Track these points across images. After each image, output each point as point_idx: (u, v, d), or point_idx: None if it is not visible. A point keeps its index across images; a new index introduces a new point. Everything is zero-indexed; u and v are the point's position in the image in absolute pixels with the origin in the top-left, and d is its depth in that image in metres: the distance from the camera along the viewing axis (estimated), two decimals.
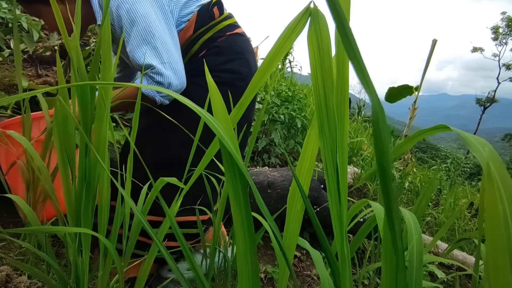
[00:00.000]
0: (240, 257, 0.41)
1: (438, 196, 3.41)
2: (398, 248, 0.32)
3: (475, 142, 0.29)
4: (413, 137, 0.43)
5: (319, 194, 1.79)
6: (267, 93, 2.40)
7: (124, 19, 0.91)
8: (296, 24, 0.39)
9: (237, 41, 1.10)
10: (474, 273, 0.74)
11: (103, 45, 0.60)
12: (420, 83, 4.33)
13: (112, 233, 0.68)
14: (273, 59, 0.41)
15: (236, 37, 1.11)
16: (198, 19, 1.05)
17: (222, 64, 1.05)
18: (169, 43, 0.95)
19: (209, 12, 1.07)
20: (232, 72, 1.06)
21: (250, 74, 1.11)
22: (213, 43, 1.06)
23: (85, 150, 0.61)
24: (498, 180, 0.26)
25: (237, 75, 1.07)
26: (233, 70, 1.06)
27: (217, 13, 1.09)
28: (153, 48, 0.91)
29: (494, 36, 24.75)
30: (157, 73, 0.91)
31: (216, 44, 1.06)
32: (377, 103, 0.26)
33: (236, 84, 1.06)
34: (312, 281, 1.59)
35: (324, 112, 0.39)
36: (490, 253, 0.26)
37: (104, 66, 0.61)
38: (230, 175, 0.39)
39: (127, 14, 0.90)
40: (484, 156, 0.27)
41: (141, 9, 0.91)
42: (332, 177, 0.40)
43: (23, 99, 0.99)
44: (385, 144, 0.27)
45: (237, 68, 1.07)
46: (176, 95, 0.38)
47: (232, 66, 1.07)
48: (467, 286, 2.01)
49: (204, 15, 1.06)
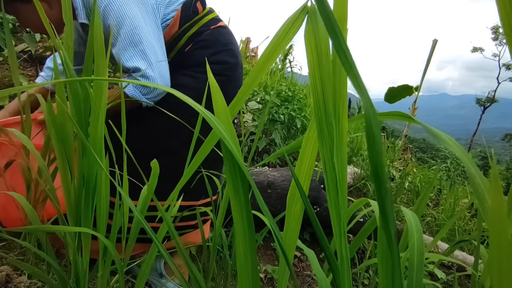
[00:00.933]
0: (240, 257, 0.41)
1: (438, 196, 3.41)
2: (393, 249, 0.32)
3: (447, 139, 0.29)
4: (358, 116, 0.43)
5: (319, 194, 1.79)
6: (267, 93, 2.40)
7: (111, 20, 0.92)
8: (293, 22, 0.38)
9: (221, 34, 1.14)
10: (474, 271, 0.74)
11: (96, 44, 0.59)
12: (420, 83, 4.32)
13: (112, 233, 0.68)
14: (269, 56, 0.41)
15: (220, 30, 1.14)
16: (182, 15, 1.08)
17: (210, 56, 1.07)
18: (155, 45, 0.96)
19: (193, 7, 1.10)
20: (221, 63, 1.09)
21: (238, 64, 1.15)
22: (199, 37, 1.09)
23: (82, 150, 0.62)
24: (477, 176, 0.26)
25: (225, 65, 1.10)
26: (221, 61, 1.10)
27: (201, 8, 1.13)
28: (140, 51, 0.93)
29: (494, 36, 24.73)
30: (144, 76, 0.93)
31: (202, 38, 1.10)
32: (370, 107, 0.26)
33: (226, 74, 1.10)
34: (312, 281, 1.59)
35: (322, 111, 0.38)
36: (495, 253, 0.26)
37: (97, 65, 0.61)
38: (231, 174, 0.39)
39: (115, 15, 0.91)
40: (462, 155, 0.27)
41: (128, 11, 0.92)
42: (331, 177, 0.40)
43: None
44: (377, 146, 0.27)
45: (224, 59, 1.11)
46: (170, 89, 0.38)
47: (220, 57, 1.10)
48: (467, 286, 2.01)
49: (188, 10, 1.09)
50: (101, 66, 0.61)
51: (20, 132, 0.79)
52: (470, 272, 0.76)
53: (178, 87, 0.99)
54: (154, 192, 0.60)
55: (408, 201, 3.00)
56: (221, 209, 0.91)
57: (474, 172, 0.28)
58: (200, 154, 0.48)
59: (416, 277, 0.45)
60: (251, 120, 2.36)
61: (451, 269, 2.00)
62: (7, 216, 0.90)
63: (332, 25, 0.27)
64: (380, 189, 0.28)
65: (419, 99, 4.59)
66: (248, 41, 5.18)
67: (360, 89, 0.26)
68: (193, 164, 0.49)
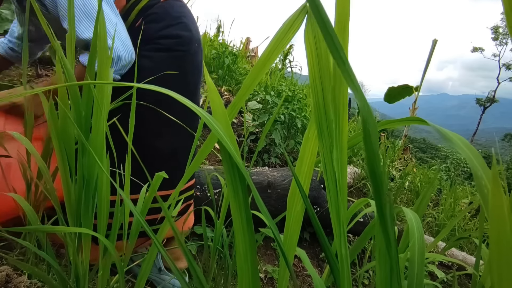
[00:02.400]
0: (240, 257, 0.41)
1: (438, 196, 3.41)
2: (392, 250, 0.32)
3: (457, 140, 0.29)
4: (381, 124, 0.43)
5: (319, 194, 1.79)
6: (267, 93, 2.40)
7: None
8: (293, 21, 0.38)
9: (173, 6, 1.07)
10: (474, 272, 0.74)
11: (99, 43, 0.60)
12: (420, 83, 4.32)
13: (112, 233, 0.68)
14: (269, 56, 0.41)
15: (172, 2, 1.08)
16: None
17: (160, 30, 1.02)
18: (110, 14, 0.90)
19: None
20: (172, 37, 1.03)
21: (192, 38, 1.08)
22: (149, 10, 1.03)
23: (82, 150, 0.62)
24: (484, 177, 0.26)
25: (177, 39, 1.04)
26: (173, 35, 1.03)
27: None
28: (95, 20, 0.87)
29: (494, 36, 24.73)
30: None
31: (152, 11, 1.03)
32: (366, 106, 0.26)
33: (178, 48, 1.04)
34: (312, 281, 1.59)
35: (322, 111, 0.38)
36: (495, 253, 0.26)
37: (100, 64, 0.61)
38: (229, 175, 0.39)
39: None
40: (468, 154, 0.27)
41: None
42: (331, 177, 0.40)
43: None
44: (374, 146, 0.27)
45: (176, 33, 1.04)
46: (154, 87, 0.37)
47: (172, 31, 1.04)
48: (467, 286, 2.01)
49: None
50: (105, 65, 0.61)
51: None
52: (470, 272, 0.76)
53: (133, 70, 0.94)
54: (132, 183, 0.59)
55: (408, 201, 3.00)
56: (222, 208, 0.91)
57: (482, 174, 0.28)
58: (201, 154, 0.48)
59: (416, 277, 0.45)
60: (251, 120, 2.36)
61: (450, 269, 2.00)
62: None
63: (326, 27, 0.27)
64: (377, 189, 0.28)
65: (419, 99, 4.59)
66: (248, 41, 5.18)
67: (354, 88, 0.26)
68: (196, 160, 0.49)
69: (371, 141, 0.27)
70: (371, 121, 0.26)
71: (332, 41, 0.27)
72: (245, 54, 4.68)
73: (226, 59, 3.23)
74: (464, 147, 0.30)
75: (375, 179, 0.27)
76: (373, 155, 0.27)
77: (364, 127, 0.27)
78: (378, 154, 0.27)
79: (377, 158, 0.27)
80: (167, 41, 1.02)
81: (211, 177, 1.48)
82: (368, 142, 0.27)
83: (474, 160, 0.28)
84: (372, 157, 0.27)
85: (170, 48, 1.02)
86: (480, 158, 0.28)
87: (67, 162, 0.65)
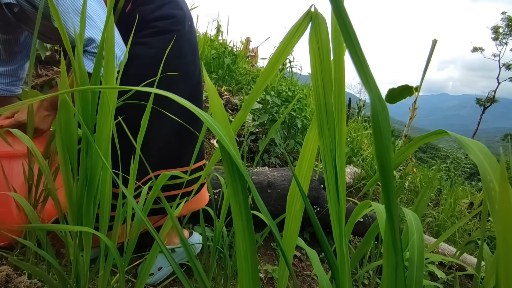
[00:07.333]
0: (240, 257, 0.41)
1: (438, 196, 3.41)
2: (397, 247, 0.32)
3: (472, 145, 0.29)
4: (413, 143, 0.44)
5: (319, 194, 1.79)
6: (268, 92, 2.40)
7: None
8: (298, 27, 0.40)
9: None
10: (476, 273, 0.74)
11: (107, 44, 0.60)
12: (420, 83, 4.33)
13: (113, 232, 0.68)
14: (275, 62, 0.43)
15: None
16: None
17: (153, 12, 1.00)
18: (98, 9, 0.88)
19: None
20: (166, 17, 1.01)
21: (185, 15, 1.07)
22: None
23: (86, 149, 0.62)
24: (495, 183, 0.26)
25: (172, 19, 1.02)
26: (167, 15, 1.01)
27: None
28: (86, 17, 0.78)
29: (494, 36, 24.73)
30: (98, 47, 0.77)
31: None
32: (378, 97, 0.26)
33: (175, 29, 1.02)
34: (312, 281, 1.59)
35: (323, 113, 0.39)
36: (502, 253, 0.26)
37: (106, 66, 0.61)
38: (229, 175, 0.39)
39: None
40: (482, 160, 0.27)
41: None
42: (331, 177, 0.40)
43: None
44: (385, 141, 0.27)
45: (170, 12, 1.02)
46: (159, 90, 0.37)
47: (164, 11, 1.01)
48: (467, 286, 2.01)
49: None
50: (111, 67, 0.61)
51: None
52: (471, 272, 0.76)
53: (131, 59, 0.95)
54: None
55: (408, 201, 3.00)
56: (223, 209, 0.91)
57: (491, 177, 0.28)
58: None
59: (416, 276, 0.45)
60: (251, 120, 2.36)
61: (451, 269, 2.00)
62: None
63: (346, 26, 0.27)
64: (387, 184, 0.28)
65: (419, 99, 4.59)
66: (248, 41, 5.18)
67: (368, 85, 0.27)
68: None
69: (381, 132, 0.27)
70: (381, 109, 0.27)
71: (353, 46, 0.27)
72: (245, 54, 4.69)
73: (226, 59, 3.23)
74: (480, 155, 0.29)
75: (384, 171, 0.27)
76: (383, 150, 0.27)
77: (373, 114, 0.27)
78: (390, 141, 0.27)
79: (387, 147, 0.27)
80: (162, 22, 1.00)
81: (211, 177, 1.48)
82: (377, 132, 0.27)
83: (486, 165, 0.28)
84: (381, 148, 0.27)
85: (165, 30, 1.00)
86: (495, 164, 0.28)
87: (69, 161, 0.65)
